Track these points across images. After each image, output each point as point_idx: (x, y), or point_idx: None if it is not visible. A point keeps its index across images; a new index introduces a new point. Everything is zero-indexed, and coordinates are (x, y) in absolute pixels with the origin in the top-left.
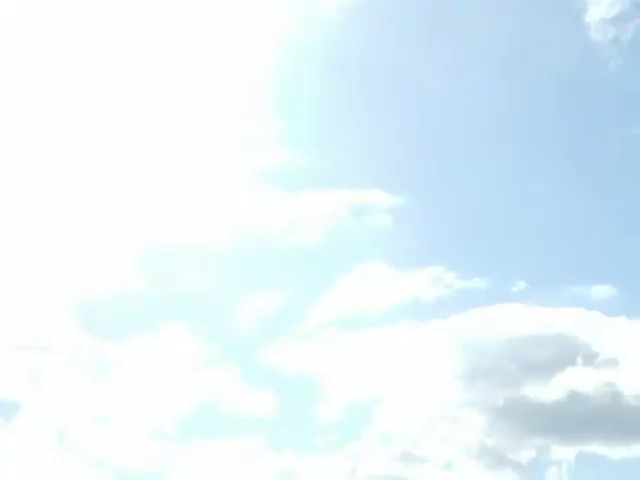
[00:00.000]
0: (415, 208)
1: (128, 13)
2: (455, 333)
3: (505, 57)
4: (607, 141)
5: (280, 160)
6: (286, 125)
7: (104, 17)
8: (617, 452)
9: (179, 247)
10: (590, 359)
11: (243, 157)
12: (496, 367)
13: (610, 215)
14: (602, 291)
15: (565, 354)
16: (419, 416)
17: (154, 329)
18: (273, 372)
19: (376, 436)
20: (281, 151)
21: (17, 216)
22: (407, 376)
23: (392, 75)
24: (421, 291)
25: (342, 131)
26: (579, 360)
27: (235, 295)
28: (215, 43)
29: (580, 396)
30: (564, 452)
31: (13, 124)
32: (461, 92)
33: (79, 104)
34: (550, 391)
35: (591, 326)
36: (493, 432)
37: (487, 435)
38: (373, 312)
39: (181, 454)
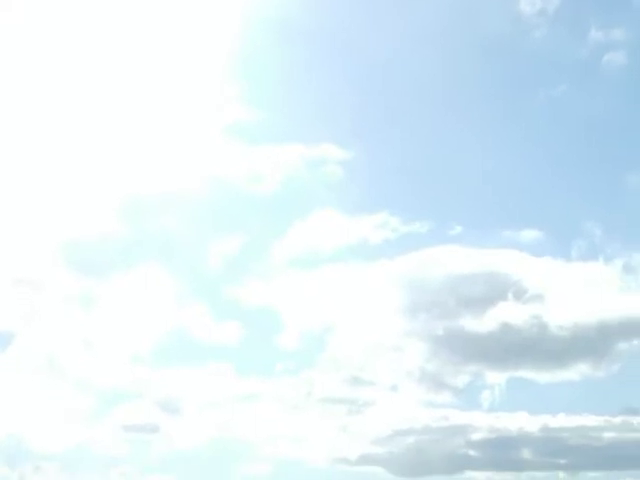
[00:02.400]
0: (363, 160)
1: None
2: (399, 272)
3: (442, 26)
4: (534, 100)
5: (242, 117)
6: (247, 86)
7: None
8: (543, 377)
9: (155, 196)
10: (519, 295)
11: (209, 115)
12: (436, 301)
13: (536, 166)
14: (530, 234)
15: (497, 290)
16: (367, 344)
17: (133, 268)
18: (238, 306)
19: (329, 362)
20: (243, 109)
21: (13, 168)
22: (357, 309)
23: (343, 42)
24: (369, 234)
25: (298, 91)
26: (510, 296)
27: (204, 238)
28: (184, 13)
29: (511, 327)
30: (496, 377)
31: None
32: (403, 57)
33: (69, 71)
34: (484, 323)
35: (520, 266)
36: (433, 359)
37: (428, 361)
38: (326, 253)
39: (156, 377)
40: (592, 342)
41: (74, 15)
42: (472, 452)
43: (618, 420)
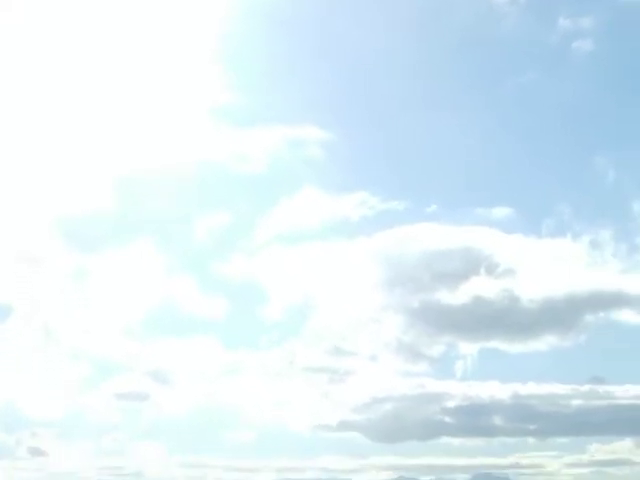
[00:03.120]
0: (344, 142)
1: None
2: (378, 248)
3: (418, 15)
4: (505, 85)
5: (229, 100)
6: (234, 71)
7: None
8: (514, 348)
9: (147, 175)
10: (492, 269)
11: (198, 98)
12: (412, 276)
13: (508, 148)
14: (501, 212)
15: (471, 265)
16: (348, 317)
17: (125, 244)
18: (224, 280)
19: (311, 334)
20: (230, 93)
21: (10, 148)
22: (337, 283)
23: (324, 29)
24: (349, 212)
25: (282, 76)
26: (482, 270)
27: (193, 215)
28: (173, 1)
29: (483, 301)
30: (469, 347)
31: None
32: (381, 44)
33: (64, 56)
34: (458, 296)
35: (492, 242)
36: (410, 331)
37: (405, 333)
38: (309, 230)
39: (147, 349)
40: (560, 314)
41: (67, 4)
42: (447, 419)
43: (585, 388)
